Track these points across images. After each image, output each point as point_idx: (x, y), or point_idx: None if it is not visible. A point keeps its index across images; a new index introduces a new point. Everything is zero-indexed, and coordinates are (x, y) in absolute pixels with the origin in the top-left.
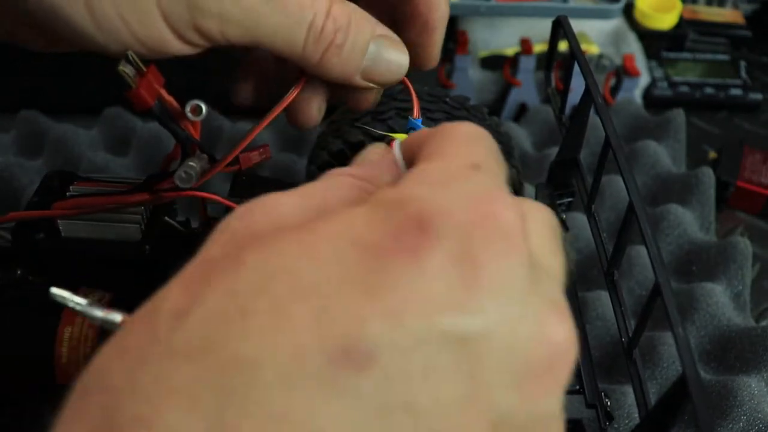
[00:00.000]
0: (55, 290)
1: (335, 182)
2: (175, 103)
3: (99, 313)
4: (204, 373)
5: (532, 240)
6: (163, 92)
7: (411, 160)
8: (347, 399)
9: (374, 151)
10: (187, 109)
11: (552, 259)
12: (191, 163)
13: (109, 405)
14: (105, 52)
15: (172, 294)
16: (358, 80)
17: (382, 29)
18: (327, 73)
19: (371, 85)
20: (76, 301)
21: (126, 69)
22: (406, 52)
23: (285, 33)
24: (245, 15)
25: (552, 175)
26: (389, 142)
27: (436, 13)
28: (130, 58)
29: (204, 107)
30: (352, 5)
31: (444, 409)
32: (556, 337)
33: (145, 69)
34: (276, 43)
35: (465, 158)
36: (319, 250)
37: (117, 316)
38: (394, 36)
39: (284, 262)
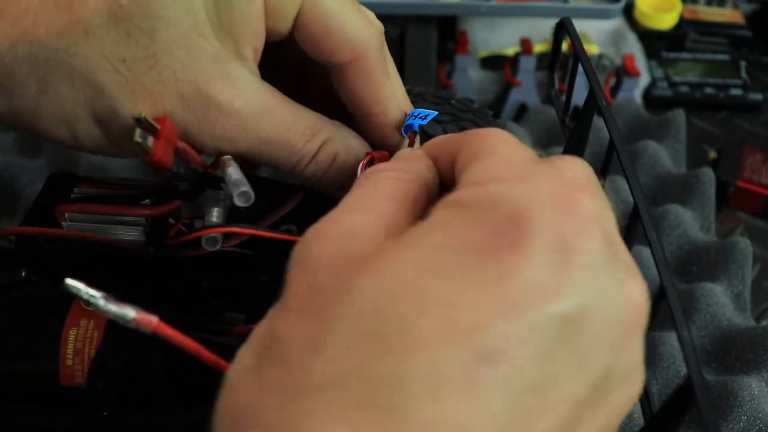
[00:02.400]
0: (69, 281)
1: (381, 184)
2: (188, 149)
3: (113, 307)
4: (354, 397)
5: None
6: (179, 144)
7: (446, 159)
8: (485, 393)
9: (403, 151)
10: (235, 193)
11: (611, 220)
12: (214, 219)
13: None
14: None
15: (293, 325)
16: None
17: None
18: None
19: None
20: (90, 293)
21: (140, 138)
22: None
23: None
24: (240, 154)
25: None
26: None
27: (384, 142)
28: (142, 120)
29: (250, 194)
30: (343, 139)
31: (558, 382)
32: (635, 295)
33: (157, 128)
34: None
35: (517, 154)
36: (428, 263)
37: (130, 312)
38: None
39: (398, 281)
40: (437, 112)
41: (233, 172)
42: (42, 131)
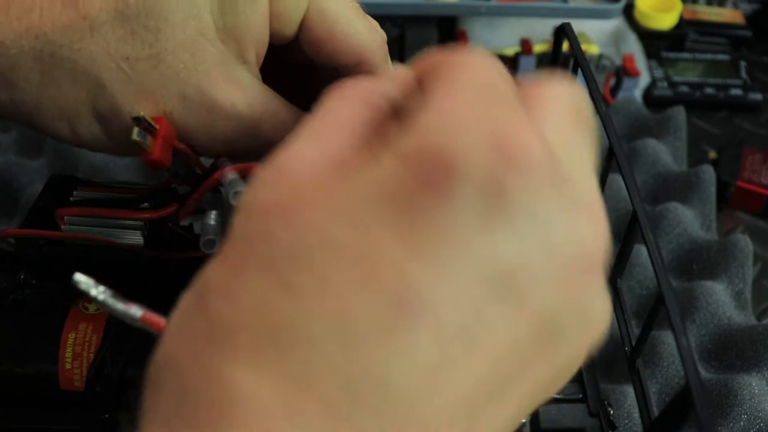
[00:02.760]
0: (78, 276)
1: (335, 107)
2: (187, 150)
3: (120, 305)
4: (262, 347)
5: (558, 139)
6: (177, 144)
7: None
8: (408, 351)
9: (383, 70)
10: (230, 194)
11: (581, 149)
12: (212, 222)
13: (183, 387)
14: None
15: (215, 274)
16: None
17: None
18: None
19: None
20: (99, 290)
21: (138, 137)
22: None
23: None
24: (236, 156)
25: None
26: None
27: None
28: (141, 119)
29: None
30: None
31: (491, 327)
32: (587, 235)
33: (156, 127)
34: None
35: (483, 94)
36: (350, 213)
37: (137, 311)
38: None
39: (312, 229)
40: None
41: (230, 174)
42: (42, 126)
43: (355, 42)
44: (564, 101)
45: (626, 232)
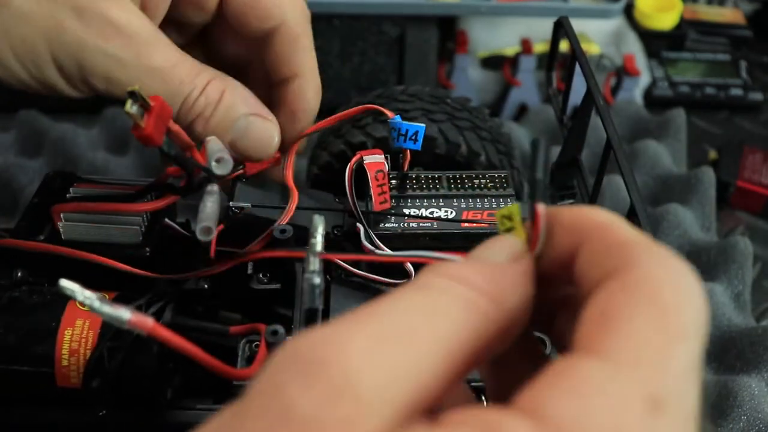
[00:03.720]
0: (64, 282)
1: (441, 300)
2: (183, 133)
3: (108, 309)
4: None
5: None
6: (172, 125)
7: (561, 249)
8: None
9: (500, 245)
10: (212, 161)
11: None
12: (208, 210)
13: None
14: (6, 84)
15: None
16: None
17: (256, 108)
18: (194, 137)
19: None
20: (85, 294)
21: (132, 109)
22: (277, 131)
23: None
24: (129, 81)
25: (553, 176)
26: (531, 213)
27: (301, 106)
28: (136, 93)
29: (228, 159)
30: (232, 83)
31: None
32: None
33: (151, 104)
34: None
35: (649, 383)
36: None
37: (125, 314)
38: (268, 115)
39: None
40: (424, 126)
41: (213, 142)
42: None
43: (278, 3)
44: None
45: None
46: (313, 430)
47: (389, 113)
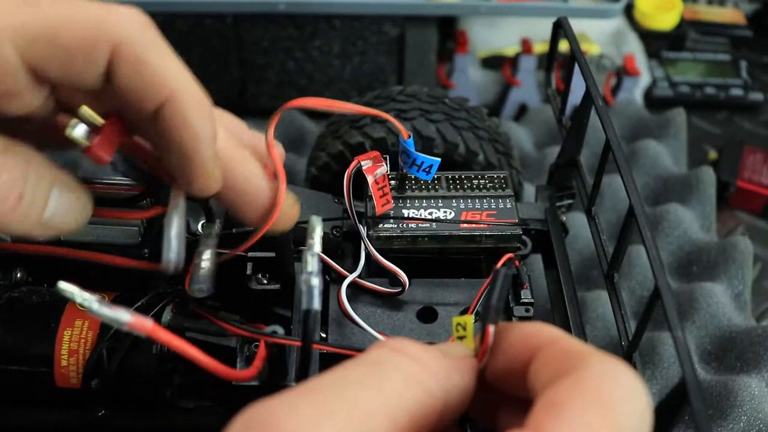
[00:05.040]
0: (63, 285)
1: (389, 385)
2: (146, 147)
3: (107, 311)
4: None
5: None
6: (138, 140)
7: (514, 358)
8: None
9: (452, 346)
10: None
11: None
12: (202, 268)
13: None
14: None
15: None
16: (39, 233)
17: (61, 176)
18: (11, 231)
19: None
20: (84, 296)
21: (73, 132)
22: (87, 197)
23: None
24: None
25: (552, 176)
26: (482, 332)
27: (189, 137)
28: (83, 114)
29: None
30: (28, 153)
31: None
32: None
33: (100, 123)
34: None
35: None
36: None
37: (125, 315)
38: (72, 182)
39: None
40: (439, 160)
41: (204, 261)
42: None
43: (167, 74)
44: None
45: (623, 224)
46: None
47: (404, 132)
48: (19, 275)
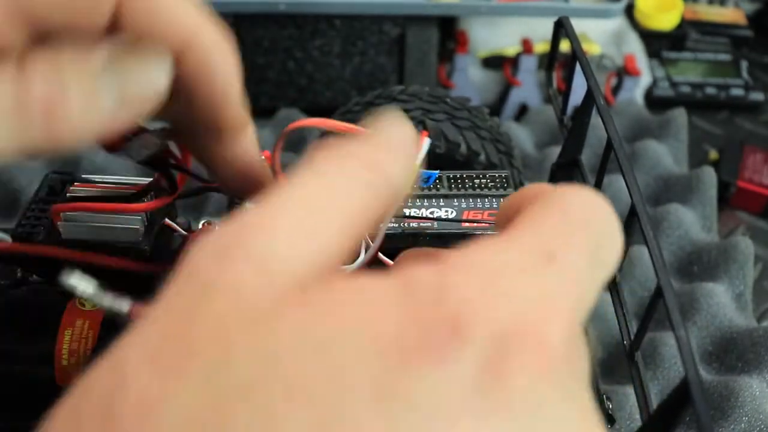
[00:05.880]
0: (65, 273)
1: (345, 188)
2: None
3: (107, 300)
4: None
5: (567, 350)
6: (138, 126)
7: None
8: None
9: (400, 131)
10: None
11: (581, 362)
12: None
13: None
14: None
15: (139, 374)
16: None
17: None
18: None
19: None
20: (86, 284)
21: None
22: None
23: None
24: None
25: (553, 176)
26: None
27: (216, 84)
28: None
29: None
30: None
31: None
32: None
33: None
34: None
35: (545, 243)
36: (327, 343)
37: (125, 305)
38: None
39: (281, 355)
40: (437, 172)
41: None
42: None
43: (181, 18)
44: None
45: (625, 226)
46: (232, 300)
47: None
48: (19, 274)
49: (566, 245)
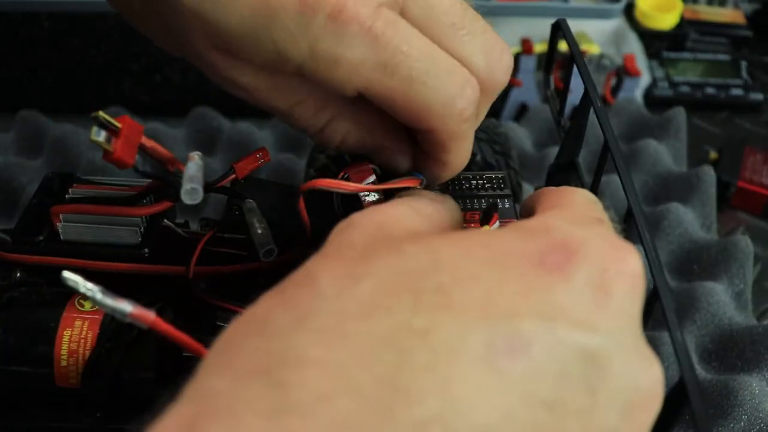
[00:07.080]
0: (67, 274)
1: (417, 204)
2: (159, 148)
3: (110, 301)
4: (376, 331)
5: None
6: (144, 141)
7: (529, 211)
8: (500, 380)
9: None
10: (186, 185)
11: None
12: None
13: (271, 347)
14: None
15: (330, 265)
16: None
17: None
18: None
19: None
20: (87, 286)
21: (98, 137)
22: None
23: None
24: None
25: (551, 177)
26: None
27: (445, 158)
28: (101, 119)
29: (199, 191)
30: None
31: (571, 415)
32: (658, 375)
33: (118, 126)
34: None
35: (590, 212)
36: (475, 253)
37: (127, 306)
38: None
39: (443, 256)
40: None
41: (192, 167)
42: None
43: (424, 106)
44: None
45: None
46: (403, 228)
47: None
48: (18, 275)
49: (603, 215)
